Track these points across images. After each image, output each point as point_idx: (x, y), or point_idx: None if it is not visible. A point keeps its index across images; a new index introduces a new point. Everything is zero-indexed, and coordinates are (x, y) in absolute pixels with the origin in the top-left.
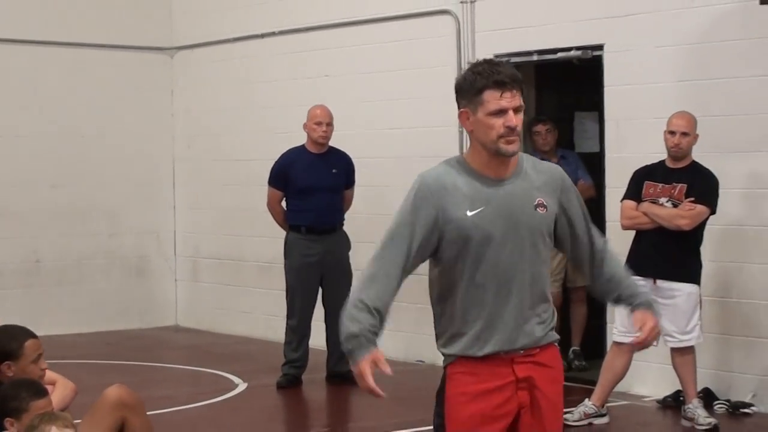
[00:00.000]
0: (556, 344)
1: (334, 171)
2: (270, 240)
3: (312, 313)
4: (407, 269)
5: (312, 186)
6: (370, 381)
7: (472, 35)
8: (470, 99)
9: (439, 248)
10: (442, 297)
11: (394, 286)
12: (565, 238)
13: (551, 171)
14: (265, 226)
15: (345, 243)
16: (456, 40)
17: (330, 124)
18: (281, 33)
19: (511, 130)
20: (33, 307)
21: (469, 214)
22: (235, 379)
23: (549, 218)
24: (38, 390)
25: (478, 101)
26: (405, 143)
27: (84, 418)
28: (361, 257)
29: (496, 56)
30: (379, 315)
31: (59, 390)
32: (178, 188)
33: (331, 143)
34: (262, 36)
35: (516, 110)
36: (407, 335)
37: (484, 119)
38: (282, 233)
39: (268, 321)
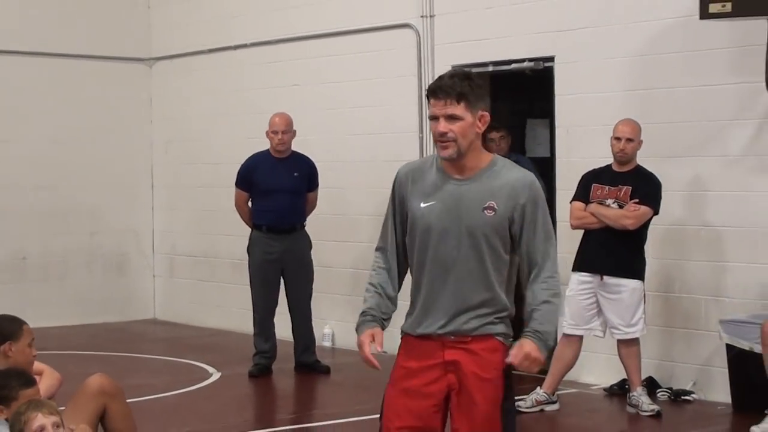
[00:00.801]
0: (498, 337)
1: (295, 174)
2: (241, 238)
3: (274, 306)
4: (401, 249)
5: (273, 188)
6: (366, 352)
7: (431, 47)
8: (428, 103)
9: (405, 233)
10: (411, 276)
11: (397, 265)
12: (515, 242)
13: (518, 178)
14: (237, 225)
15: (305, 242)
16: (417, 51)
17: (287, 132)
18: (253, 45)
19: (440, 135)
20: (20, 302)
21: (422, 205)
22: (210, 369)
23: (496, 221)
24: (27, 380)
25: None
26: (368, 148)
27: (68, 405)
28: (324, 255)
29: (454, 67)
30: (385, 295)
31: (46, 379)
32: (156, 190)
33: (300, 148)
34: (235, 48)
35: (448, 118)
36: None
37: (430, 124)
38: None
39: (241, 314)
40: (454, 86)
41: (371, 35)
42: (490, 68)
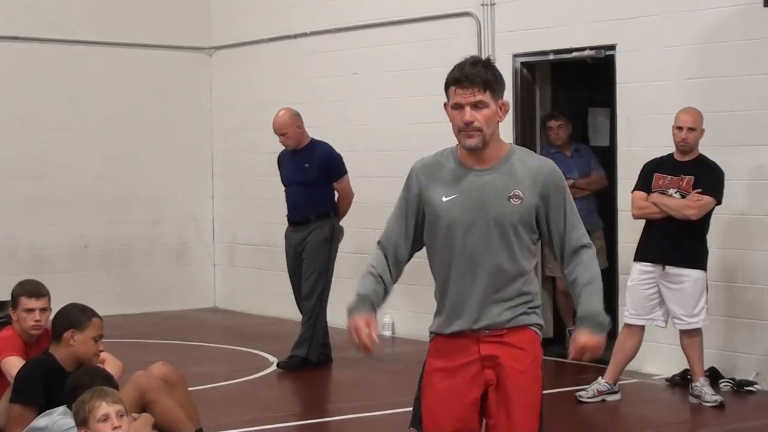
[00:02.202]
0: (533, 328)
1: (306, 166)
2: None
3: (298, 297)
4: (411, 238)
5: (288, 181)
6: (363, 335)
7: (491, 36)
8: (446, 94)
9: (423, 229)
10: (433, 277)
11: (401, 256)
12: (543, 231)
13: (540, 165)
14: None
15: (319, 234)
16: (477, 40)
17: (284, 134)
18: (312, 34)
19: (467, 124)
20: (81, 290)
21: (444, 199)
22: (270, 357)
23: (523, 209)
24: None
25: (448, 96)
26: (428, 137)
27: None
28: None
29: (515, 56)
30: (383, 281)
31: (108, 368)
32: (216, 179)
33: (359, 137)
34: (295, 36)
35: (474, 106)
36: (429, 317)
37: (450, 113)
38: None
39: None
40: (479, 74)
41: (431, 24)
42: (551, 56)
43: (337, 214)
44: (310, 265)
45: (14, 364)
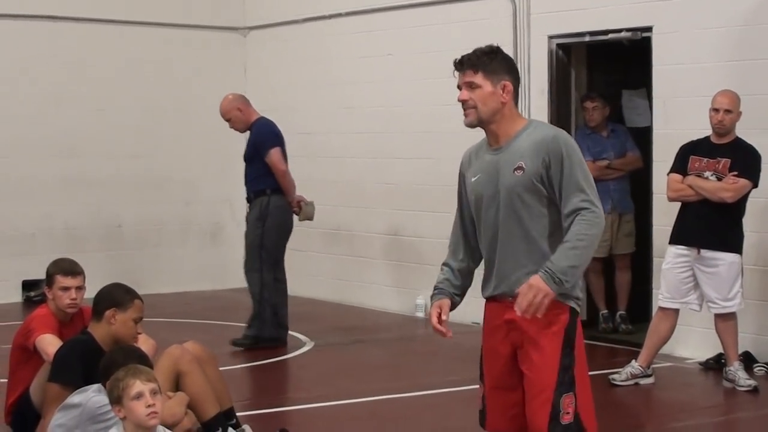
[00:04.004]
0: (557, 298)
1: (247, 145)
2: (334, 208)
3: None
4: (468, 217)
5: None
6: (434, 321)
7: (527, 17)
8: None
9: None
10: None
11: (465, 241)
12: (553, 198)
13: (544, 135)
14: (329, 195)
15: (255, 212)
16: (512, 21)
17: (229, 119)
18: (347, 14)
19: (462, 103)
20: (115, 269)
21: (472, 180)
22: (303, 338)
23: (526, 178)
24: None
25: None
26: (460, 120)
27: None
28: (417, 225)
29: (550, 37)
30: (452, 270)
31: (141, 346)
32: None
33: (391, 118)
34: (330, 17)
35: (467, 86)
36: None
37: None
38: (343, 204)
39: (333, 284)
40: (471, 58)
41: (467, 5)
42: (587, 38)
43: (277, 192)
44: (245, 243)
45: (49, 341)
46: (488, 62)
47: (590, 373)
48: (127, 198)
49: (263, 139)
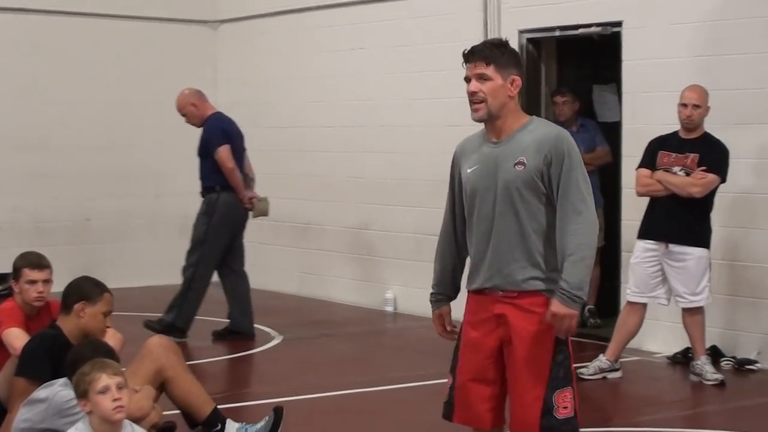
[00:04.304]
0: (545, 293)
1: (200, 139)
2: (304, 202)
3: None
4: (460, 215)
5: None
6: (439, 330)
7: (498, 11)
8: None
9: (462, 200)
10: None
11: (455, 234)
12: (550, 196)
13: (547, 133)
14: (299, 190)
15: (203, 207)
16: (483, 16)
17: (184, 114)
18: (319, 8)
19: (471, 95)
20: (83, 263)
21: (468, 171)
22: (271, 332)
23: (526, 174)
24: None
25: None
26: (432, 113)
27: (129, 366)
28: (386, 219)
29: (520, 32)
30: (443, 262)
31: (109, 340)
32: None
33: (364, 112)
34: (301, 10)
35: (478, 78)
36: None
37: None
38: (314, 198)
39: (302, 278)
40: (483, 50)
41: None
42: (557, 33)
43: (227, 189)
44: (192, 237)
45: (15, 335)
46: (500, 55)
47: None
48: (95, 191)
49: (212, 136)
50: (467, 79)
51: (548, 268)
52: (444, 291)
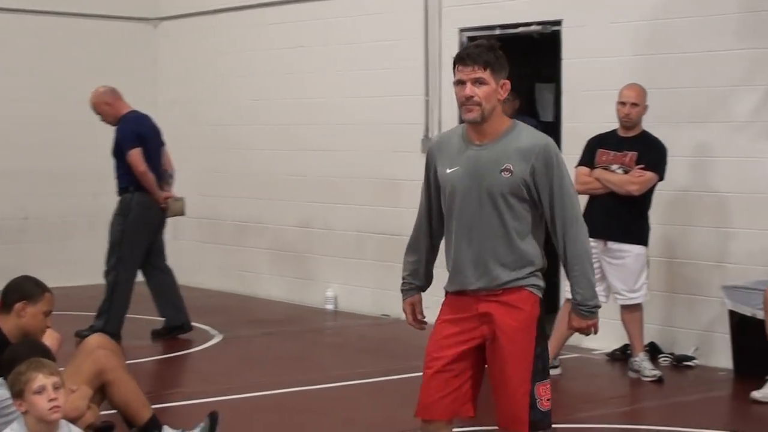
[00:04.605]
0: (529, 288)
1: (114, 138)
2: (245, 201)
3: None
4: (436, 206)
5: None
6: (409, 319)
7: (439, 10)
8: (453, 72)
9: (439, 198)
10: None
11: (430, 229)
12: (536, 202)
13: (535, 141)
14: (240, 188)
15: (118, 208)
16: (424, 14)
17: (100, 112)
18: (259, 6)
19: (467, 99)
20: (21, 261)
21: (447, 171)
22: (212, 331)
23: (512, 182)
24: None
25: (454, 74)
26: (374, 111)
27: (67, 365)
28: (326, 217)
29: (461, 30)
30: (419, 256)
31: (46, 340)
32: None
33: (305, 110)
34: (241, 8)
35: (475, 82)
36: (373, 291)
37: (455, 89)
38: (254, 197)
39: (243, 276)
40: (481, 54)
41: None
42: (497, 31)
43: (140, 189)
44: (109, 240)
45: None
46: (495, 60)
47: None
48: (33, 189)
49: (124, 139)
50: (459, 82)
51: (531, 267)
52: (417, 281)
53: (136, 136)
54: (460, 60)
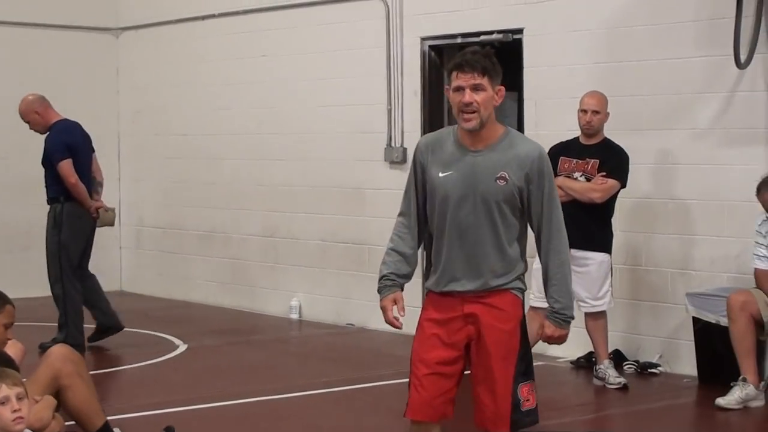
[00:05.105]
0: (514, 291)
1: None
2: (209, 210)
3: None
4: (422, 207)
5: None
6: (390, 315)
7: (400, 19)
8: (448, 78)
9: (426, 199)
10: (429, 240)
11: (416, 231)
12: (525, 210)
13: (529, 150)
14: (204, 197)
15: (50, 218)
16: (385, 23)
17: (27, 122)
18: (221, 15)
19: (466, 105)
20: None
21: (440, 175)
22: (176, 341)
23: (507, 189)
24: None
25: (450, 80)
26: (337, 120)
27: (30, 376)
28: (292, 226)
29: (422, 39)
30: (404, 257)
31: (9, 350)
32: (122, 162)
33: (268, 119)
34: (203, 18)
35: (474, 88)
36: (337, 300)
37: (451, 95)
38: (218, 206)
39: (207, 286)
40: (479, 60)
41: (340, 6)
42: (459, 40)
43: (70, 199)
44: (46, 251)
45: None
46: (492, 66)
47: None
48: None
49: (52, 150)
50: (458, 89)
51: (517, 271)
52: (399, 278)
53: (66, 147)
54: (458, 67)
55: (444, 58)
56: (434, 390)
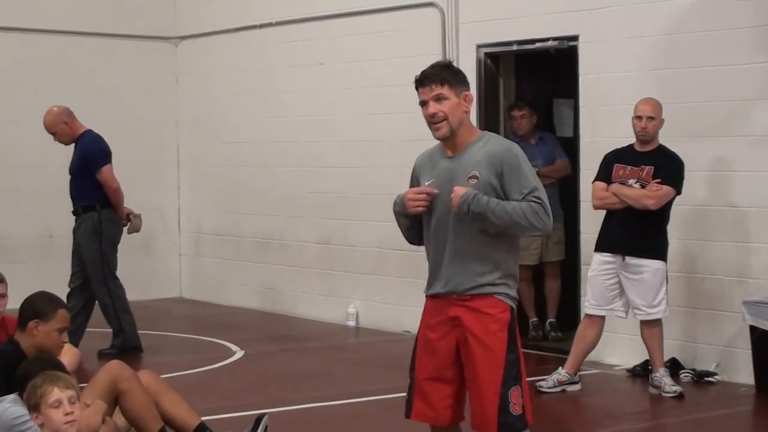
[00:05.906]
0: (497, 296)
1: (73, 158)
2: (266, 217)
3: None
4: (419, 222)
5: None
6: (417, 189)
7: (455, 27)
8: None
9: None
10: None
11: (419, 238)
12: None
13: (498, 147)
14: (261, 204)
15: (85, 226)
16: (441, 30)
17: (54, 133)
18: (278, 24)
19: (431, 116)
20: (47, 279)
21: (426, 183)
22: (233, 347)
23: (479, 187)
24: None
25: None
26: (391, 127)
27: (89, 382)
28: (348, 234)
29: (478, 46)
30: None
31: (65, 355)
32: (182, 169)
33: (323, 126)
34: (261, 26)
35: (436, 99)
36: (394, 307)
37: (422, 111)
38: (275, 214)
39: (264, 293)
40: (436, 73)
41: (396, 14)
42: (515, 47)
43: (107, 206)
44: (83, 261)
45: None
46: (451, 75)
47: None
48: (58, 207)
49: (94, 156)
50: (423, 103)
51: (501, 274)
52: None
53: (106, 153)
54: (418, 83)
55: (500, 66)
56: (436, 395)
